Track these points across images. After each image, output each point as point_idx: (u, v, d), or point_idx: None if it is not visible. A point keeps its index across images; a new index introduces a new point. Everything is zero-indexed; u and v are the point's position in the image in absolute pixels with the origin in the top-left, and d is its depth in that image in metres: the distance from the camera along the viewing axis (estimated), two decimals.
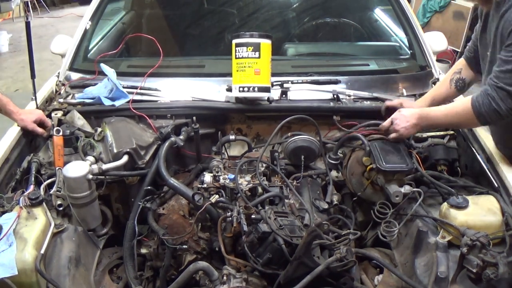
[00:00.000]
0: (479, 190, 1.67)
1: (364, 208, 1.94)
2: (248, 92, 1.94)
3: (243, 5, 2.83)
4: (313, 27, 2.76)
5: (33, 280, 1.33)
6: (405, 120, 1.71)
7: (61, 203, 1.64)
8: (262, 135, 2.15)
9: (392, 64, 2.38)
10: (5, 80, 6.09)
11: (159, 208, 1.78)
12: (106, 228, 1.81)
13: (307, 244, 1.32)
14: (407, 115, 1.71)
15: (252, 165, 1.81)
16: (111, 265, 1.74)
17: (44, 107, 2.02)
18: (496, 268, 1.27)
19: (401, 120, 1.72)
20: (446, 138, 1.94)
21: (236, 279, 1.44)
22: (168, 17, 2.89)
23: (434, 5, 6.13)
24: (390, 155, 1.71)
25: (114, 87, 2.03)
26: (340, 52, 2.71)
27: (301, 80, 2.11)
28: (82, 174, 1.62)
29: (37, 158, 1.78)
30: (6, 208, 1.49)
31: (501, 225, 1.43)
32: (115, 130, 1.84)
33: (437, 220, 1.52)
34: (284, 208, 1.64)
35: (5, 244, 1.33)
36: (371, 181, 1.76)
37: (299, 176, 1.89)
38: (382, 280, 1.57)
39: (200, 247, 1.73)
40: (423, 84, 2.16)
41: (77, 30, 2.44)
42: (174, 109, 2.03)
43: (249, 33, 1.95)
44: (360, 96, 2.08)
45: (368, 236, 1.85)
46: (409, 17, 2.48)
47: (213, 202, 1.65)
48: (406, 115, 1.72)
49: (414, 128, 1.70)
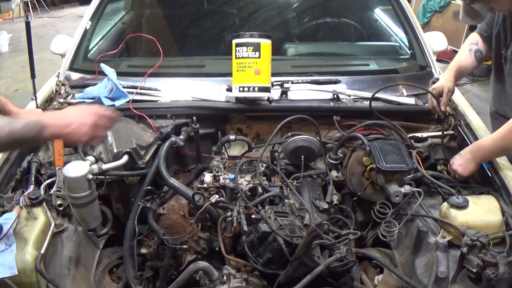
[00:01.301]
0: (479, 190, 1.67)
1: (364, 208, 1.94)
2: (248, 92, 1.93)
3: (243, 5, 2.83)
4: (313, 27, 2.76)
5: (33, 280, 1.33)
6: (459, 158, 1.72)
7: (61, 203, 1.64)
8: (262, 135, 2.15)
9: (392, 64, 2.38)
10: (5, 80, 6.09)
11: (159, 208, 1.78)
12: (106, 228, 1.81)
13: (307, 244, 1.32)
14: (462, 153, 1.73)
15: (252, 165, 1.81)
16: (111, 265, 1.74)
17: (44, 107, 2.02)
18: (496, 268, 1.27)
19: (457, 160, 1.74)
20: (446, 138, 1.94)
21: (236, 279, 1.44)
22: (168, 17, 2.89)
23: (434, 5, 6.14)
24: (390, 155, 1.71)
25: (114, 87, 2.03)
26: (340, 52, 2.71)
27: (301, 80, 2.11)
28: (82, 174, 1.62)
29: (37, 158, 1.78)
30: (6, 208, 1.49)
31: (501, 225, 1.44)
32: (115, 130, 1.84)
33: (437, 220, 1.52)
34: (284, 208, 1.64)
35: (5, 244, 1.33)
36: (371, 181, 1.76)
37: (299, 176, 1.89)
38: (382, 280, 1.57)
39: (200, 247, 1.73)
40: (423, 84, 2.16)
41: (77, 30, 2.44)
42: (174, 109, 2.03)
43: (249, 33, 1.95)
44: (360, 96, 2.08)
45: (368, 236, 1.85)
46: (409, 17, 2.48)
47: (213, 202, 1.65)
48: (461, 153, 1.73)
49: (471, 164, 1.69)
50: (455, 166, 1.74)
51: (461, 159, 1.72)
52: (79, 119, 1.33)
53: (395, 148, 1.76)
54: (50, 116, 1.41)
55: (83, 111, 1.38)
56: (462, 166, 1.71)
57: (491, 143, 1.66)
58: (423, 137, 1.96)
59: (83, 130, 1.33)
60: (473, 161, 1.69)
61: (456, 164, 1.73)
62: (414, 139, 1.95)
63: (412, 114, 2.05)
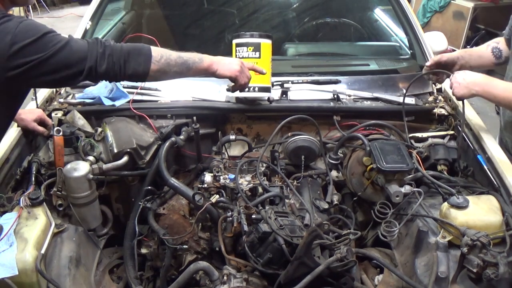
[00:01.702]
0: (479, 190, 1.67)
1: (364, 208, 1.94)
2: (248, 92, 1.93)
3: (243, 5, 2.83)
4: (313, 27, 2.76)
5: (34, 280, 1.33)
6: (462, 78, 1.69)
7: (62, 203, 1.64)
8: (262, 135, 2.15)
9: (392, 64, 2.38)
10: None
11: (159, 208, 1.78)
12: (107, 228, 1.81)
13: (308, 244, 1.32)
14: (467, 74, 1.69)
15: (252, 165, 1.81)
16: (112, 265, 1.74)
17: (45, 107, 2.01)
18: (496, 268, 1.27)
19: (459, 77, 1.70)
20: (446, 138, 1.94)
21: (236, 279, 1.44)
22: (168, 17, 2.89)
23: (434, 5, 6.13)
24: (390, 155, 1.71)
25: (115, 87, 2.03)
26: (340, 52, 2.71)
27: (301, 80, 2.11)
28: (83, 174, 1.62)
29: (37, 158, 1.78)
30: (7, 208, 1.49)
31: (501, 225, 1.44)
32: (115, 130, 1.84)
33: (438, 220, 1.52)
34: (285, 208, 1.64)
35: (6, 244, 1.33)
36: (371, 181, 1.77)
37: (299, 176, 1.89)
38: (382, 280, 1.57)
39: (200, 247, 1.73)
40: (423, 84, 2.16)
41: (77, 30, 2.44)
42: (174, 109, 2.02)
43: (250, 33, 1.95)
44: (360, 96, 2.08)
45: (368, 236, 1.85)
46: (409, 17, 2.48)
47: (214, 202, 1.65)
48: (466, 74, 1.69)
49: (466, 89, 1.67)
50: (455, 82, 1.71)
51: (462, 80, 1.68)
52: (230, 60, 1.67)
53: (395, 148, 1.76)
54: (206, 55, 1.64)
55: (232, 60, 1.70)
56: (458, 87, 1.69)
57: (502, 91, 1.64)
58: (423, 137, 1.96)
59: (233, 68, 1.65)
60: (470, 90, 1.67)
61: (455, 81, 1.70)
62: (414, 139, 1.95)
63: (412, 114, 2.05)
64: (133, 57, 1.41)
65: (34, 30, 1.29)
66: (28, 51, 1.27)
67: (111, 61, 1.37)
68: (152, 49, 1.45)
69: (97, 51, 1.36)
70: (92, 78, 1.40)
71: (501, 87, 1.65)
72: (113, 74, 1.41)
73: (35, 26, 1.31)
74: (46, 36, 1.30)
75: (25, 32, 1.27)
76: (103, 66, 1.36)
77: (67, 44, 1.32)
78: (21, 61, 1.26)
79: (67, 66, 1.32)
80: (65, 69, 1.32)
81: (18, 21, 1.29)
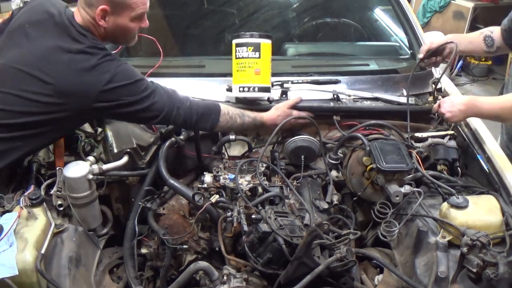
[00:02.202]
0: (479, 190, 1.67)
1: (364, 208, 1.94)
2: (248, 92, 1.94)
3: (243, 5, 2.83)
4: (313, 27, 2.76)
5: (34, 280, 1.33)
6: (451, 105, 1.72)
7: (62, 203, 1.64)
8: (262, 135, 2.14)
9: (392, 64, 2.38)
10: None
11: (159, 208, 1.78)
12: (107, 228, 1.81)
13: (307, 244, 1.32)
14: (455, 100, 1.72)
15: (252, 165, 1.81)
16: (112, 265, 1.74)
17: None
18: (496, 268, 1.27)
19: (447, 104, 1.73)
20: (446, 138, 1.94)
21: (236, 279, 1.44)
22: (168, 17, 2.89)
23: (434, 5, 6.13)
24: (390, 155, 1.71)
25: None
26: (340, 52, 2.71)
27: (301, 80, 2.11)
28: (83, 174, 1.62)
29: (38, 158, 1.78)
30: (7, 208, 1.48)
31: (501, 225, 1.44)
32: (115, 130, 1.84)
33: (437, 220, 1.52)
34: (284, 208, 1.64)
35: (6, 244, 1.33)
36: (371, 181, 1.77)
37: (299, 176, 1.89)
38: (382, 280, 1.57)
39: (200, 247, 1.73)
40: (423, 84, 2.16)
41: None
42: None
43: (249, 33, 1.95)
44: (360, 96, 2.08)
45: (368, 236, 1.85)
46: (409, 17, 2.48)
47: (213, 202, 1.65)
48: (454, 100, 1.72)
49: (461, 114, 1.71)
50: (444, 110, 1.75)
51: (452, 107, 1.72)
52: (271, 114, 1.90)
53: (395, 148, 1.76)
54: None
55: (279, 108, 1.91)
56: (451, 113, 1.73)
57: (488, 107, 1.67)
58: (423, 137, 1.96)
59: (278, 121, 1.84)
60: (464, 113, 1.72)
61: (446, 109, 1.74)
62: (414, 139, 1.95)
63: (412, 114, 2.05)
64: (203, 117, 1.72)
65: (130, 75, 1.56)
66: (120, 91, 1.53)
67: (183, 118, 1.68)
68: (221, 113, 1.75)
69: (175, 105, 1.64)
70: (165, 124, 1.77)
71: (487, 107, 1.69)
72: (183, 127, 1.82)
73: (131, 71, 1.58)
74: (138, 83, 1.57)
75: (122, 75, 1.53)
76: (177, 120, 1.68)
77: (152, 93, 1.60)
78: (111, 97, 1.52)
79: (146, 111, 1.60)
80: (143, 113, 1.60)
81: (119, 64, 1.55)
